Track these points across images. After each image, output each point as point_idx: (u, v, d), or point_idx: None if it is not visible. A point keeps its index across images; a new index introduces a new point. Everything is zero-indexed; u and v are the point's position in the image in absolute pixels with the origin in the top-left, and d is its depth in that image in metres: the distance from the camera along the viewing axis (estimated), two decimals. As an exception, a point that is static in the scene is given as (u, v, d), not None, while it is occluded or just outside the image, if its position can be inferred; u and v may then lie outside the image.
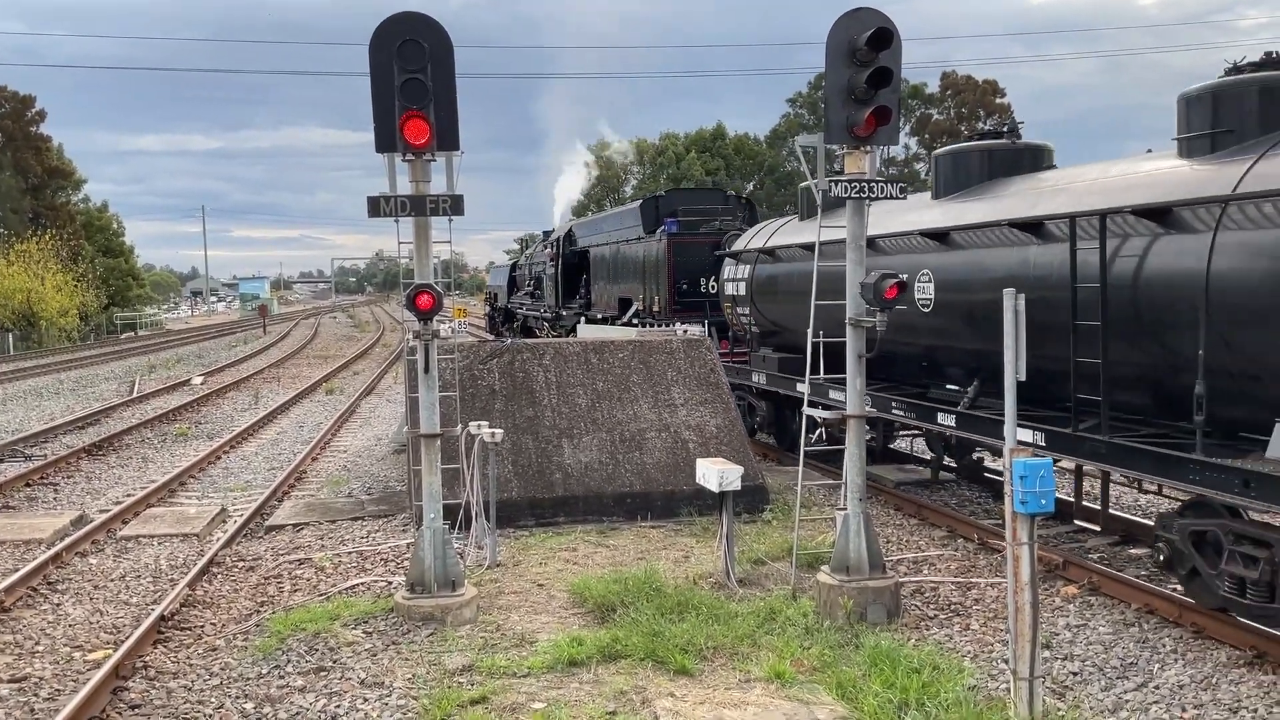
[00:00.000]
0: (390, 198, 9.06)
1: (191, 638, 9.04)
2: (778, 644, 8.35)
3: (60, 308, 62.60)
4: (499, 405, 13.47)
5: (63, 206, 71.11)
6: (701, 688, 7.58)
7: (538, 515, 12.60)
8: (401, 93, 8.76)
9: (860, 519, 9.21)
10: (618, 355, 14.43)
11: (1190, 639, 8.41)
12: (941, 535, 11.98)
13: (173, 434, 21.38)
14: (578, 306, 28.88)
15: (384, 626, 9.06)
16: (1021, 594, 6.72)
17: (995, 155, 12.59)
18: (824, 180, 9.26)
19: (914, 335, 12.36)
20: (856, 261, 9.32)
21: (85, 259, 67.74)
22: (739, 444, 13.59)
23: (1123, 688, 7.61)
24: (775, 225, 17.85)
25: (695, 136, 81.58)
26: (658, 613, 8.87)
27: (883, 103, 8.91)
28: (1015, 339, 6.92)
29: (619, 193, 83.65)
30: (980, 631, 8.85)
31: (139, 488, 15.71)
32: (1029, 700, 6.74)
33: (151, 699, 7.70)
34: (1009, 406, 7.07)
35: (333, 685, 7.85)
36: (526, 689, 7.64)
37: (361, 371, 36.42)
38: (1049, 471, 6.66)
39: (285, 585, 10.52)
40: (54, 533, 12.68)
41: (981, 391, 11.59)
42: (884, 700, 7.10)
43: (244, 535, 12.72)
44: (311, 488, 15.65)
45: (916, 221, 12.62)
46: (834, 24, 8.92)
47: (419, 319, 9.14)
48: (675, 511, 12.82)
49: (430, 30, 8.82)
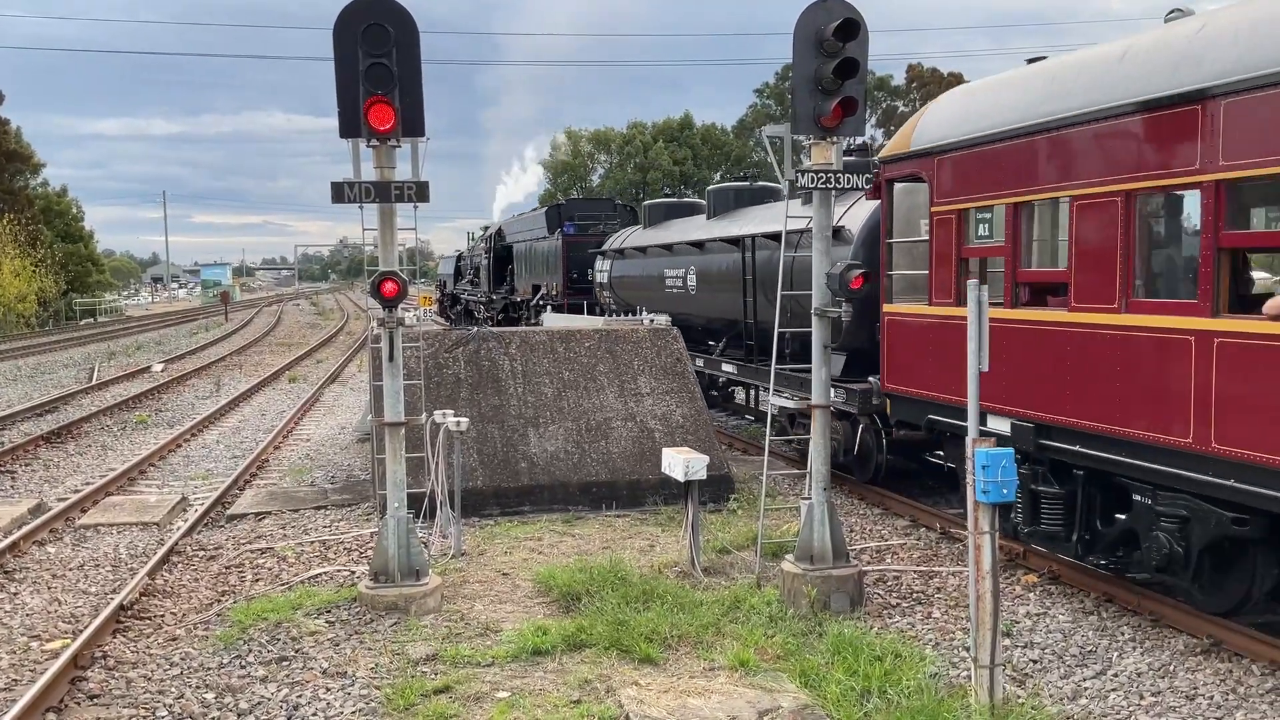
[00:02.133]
0: (355, 184, 8.98)
1: (151, 627, 8.95)
2: (742, 632, 8.38)
3: (18, 293, 61.54)
4: (464, 394, 13.42)
5: (21, 191, 69.84)
6: (666, 676, 7.60)
7: (503, 504, 12.57)
8: (366, 78, 8.67)
9: (825, 508, 9.25)
10: (584, 344, 14.40)
11: (1148, 627, 8.53)
12: (904, 524, 12.07)
13: (133, 422, 21.13)
14: (504, 291, 34.29)
15: (347, 616, 9.00)
16: (983, 582, 6.79)
17: (740, 193, 19.55)
18: (790, 170, 9.29)
19: (687, 310, 19.42)
20: (823, 252, 9.34)
21: (44, 244, 66.59)
22: (705, 434, 13.62)
23: (1082, 675, 7.70)
24: (629, 231, 24.56)
25: (663, 126, 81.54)
26: (623, 602, 8.88)
27: (849, 93, 8.93)
28: (979, 328, 6.94)
29: (586, 181, 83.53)
30: (942, 620, 8.93)
31: (98, 476, 15.52)
32: (990, 688, 6.81)
33: (111, 689, 7.61)
34: (971, 396, 7.10)
35: (295, 675, 7.80)
36: (491, 678, 7.62)
37: (325, 360, 36.15)
38: (1010, 461, 6.72)
39: (247, 574, 10.43)
40: (11, 521, 12.51)
41: (726, 346, 18.30)
42: (847, 688, 7.15)
43: (205, 524, 12.60)
44: (274, 476, 15.52)
45: (691, 234, 19.69)
46: (801, 14, 8.92)
47: (383, 306, 9.08)
48: (641, 501, 12.83)
49: (395, 15, 8.74)
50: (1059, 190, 9.03)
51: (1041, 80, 9.47)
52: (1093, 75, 8.76)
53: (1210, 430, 7.55)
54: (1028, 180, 9.34)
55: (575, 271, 27.48)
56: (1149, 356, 8.07)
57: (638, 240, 22.71)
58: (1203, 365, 7.60)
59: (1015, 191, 9.51)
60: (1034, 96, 9.35)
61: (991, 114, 9.86)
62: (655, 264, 21.10)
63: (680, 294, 19.57)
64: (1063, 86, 9.04)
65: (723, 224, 18.52)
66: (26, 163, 71.77)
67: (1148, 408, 8.10)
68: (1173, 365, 7.86)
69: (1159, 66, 8.08)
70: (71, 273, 74.72)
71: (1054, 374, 9.05)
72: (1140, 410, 8.18)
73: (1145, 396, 8.12)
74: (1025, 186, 9.40)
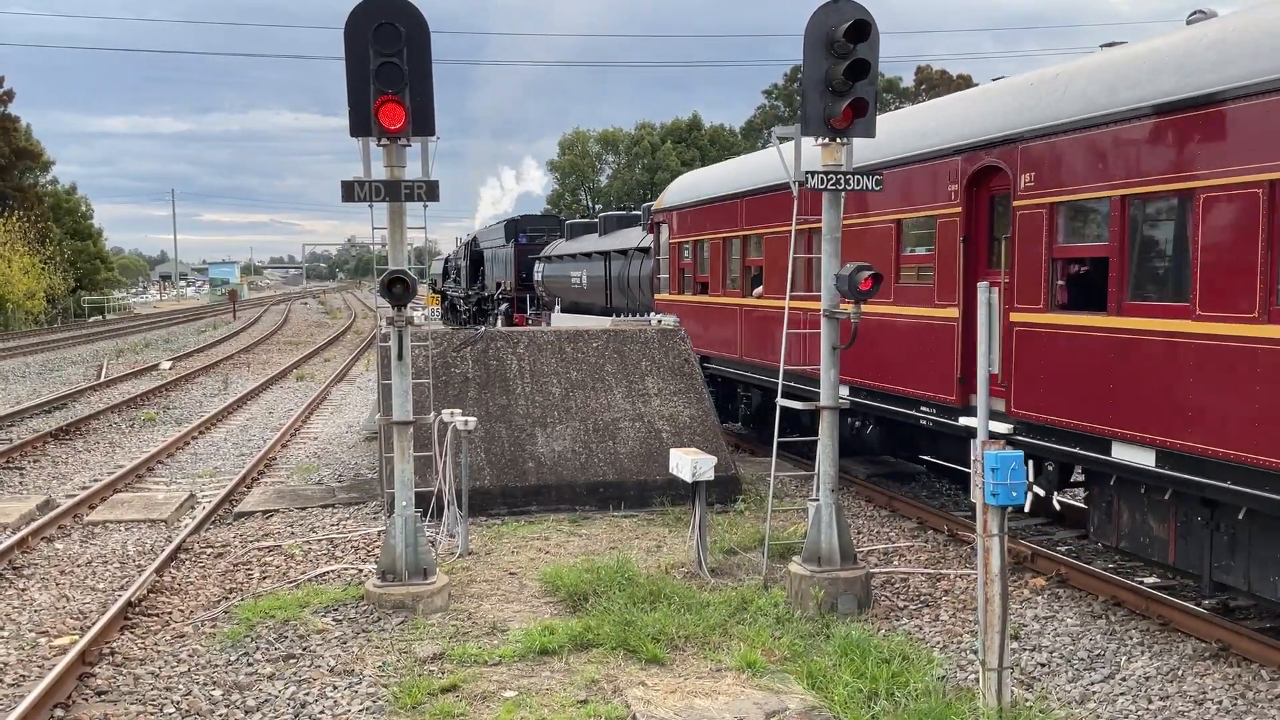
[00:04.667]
0: (365, 182, 8.99)
1: (159, 624, 8.97)
2: (749, 634, 8.38)
3: (27, 290, 61.72)
4: (472, 393, 13.42)
5: (30, 188, 69.99)
6: (673, 676, 7.59)
7: (510, 504, 12.57)
8: (377, 77, 8.68)
9: (832, 510, 9.24)
10: (592, 345, 14.40)
11: (1157, 631, 8.50)
12: (911, 526, 12.05)
13: (141, 419, 21.17)
14: (478, 288, 41.07)
15: (354, 614, 9.01)
16: (991, 585, 6.77)
17: (621, 218, 27.86)
18: (800, 172, 9.29)
19: (581, 300, 27.78)
20: (832, 254, 9.33)
21: (53, 241, 66.79)
22: (712, 434, 13.60)
23: (1090, 679, 7.68)
24: (557, 243, 32.54)
25: (671, 127, 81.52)
26: (629, 602, 8.88)
27: (860, 95, 8.92)
28: (989, 330, 6.93)
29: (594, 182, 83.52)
30: (949, 622, 8.91)
31: (106, 473, 15.55)
32: (997, 691, 6.79)
33: (118, 685, 7.63)
34: (981, 402, 7.09)
35: (302, 673, 7.81)
36: (498, 677, 7.62)
37: (333, 358, 36.20)
38: (1020, 464, 6.71)
39: (254, 572, 10.44)
40: (20, 517, 12.53)
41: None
42: (854, 690, 7.14)
43: (213, 522, 12.62)
44: (281, 474, 15.54)
45: (585, 248, 27.99)
46: (812, 15, 8.91)
47: (393, 305, 9.08)
48: (648, 501, 12.82)
49: (406, 14, 8.75)
50: (729, 234, 16.43)
51: (719, 172, 18.42)
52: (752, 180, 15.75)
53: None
54: (712, 228, 17.03)
55: (524, 272, 34.64)
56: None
57: (559, 250, 31.36)
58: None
59: (706, 234, 17.32)
60: (714, 184, 17.33)
61: (696, 190, 18.23)
62: (566, 267, 29.86)
63: (578, 288, 28.31)
64: (735, 178, 16.63)
65: (603, 241, 26.98)
66: (36, 160, 71.91)
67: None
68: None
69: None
70: (80, 270, 74.93)
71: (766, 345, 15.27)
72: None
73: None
74: (711, 232, 17.11)
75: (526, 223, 37.14)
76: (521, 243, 35.33)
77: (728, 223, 16.27)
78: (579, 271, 28.14)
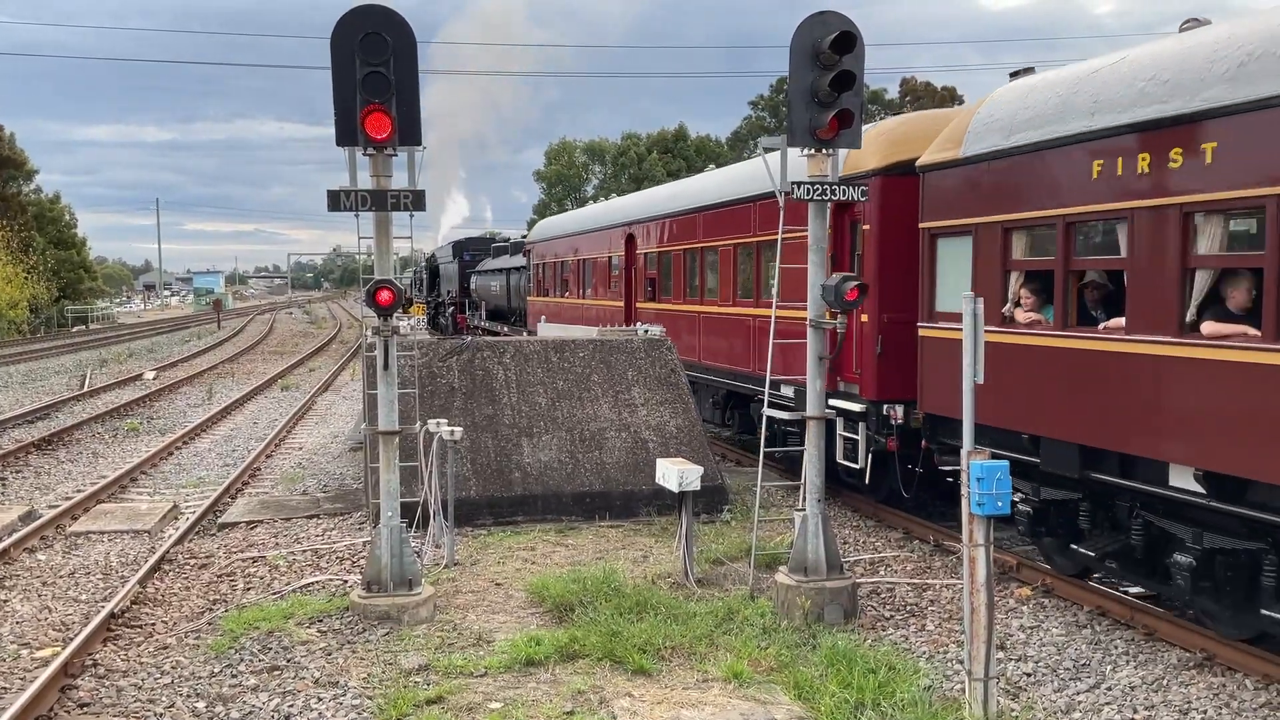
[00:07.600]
0: (351, 192, 8.97)
1: (142, 635, 8.91)
2: (735, 644, 8.37)
3: (10, 300, 61.37)
4: (458, 403, 13.40)
5: (13, 197, 69.66)
6: (659, 687, 7.58)
7: (496, 514, 12.54)
8: (363, 86, 8.68)
9: (819, 520, 9.25)
10: (578, 354, 14.39)
11: (1142, 641, 8.53)
12: (898, 537, 12.07)
13: (124, 429, 21.05)
14: (434, 296, 51.60)
15: (339, 625, 8.97)
16: (977, 595, 6.79)
17: (522, 243, 35.41)
18: (786, 182, 9.32)
19: (500, 305, 37.80)
20: (818, 265, 9.35)
21: (36, 251, 66.43)
22: (699, 444, 13.61)
23: (1075, 689, 7.70)
24: (485, 260, 41.49)
25: (657, 137, 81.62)
26: (616, 612, 8.86)
27: (846, 106, 8.95)
28: (974, 341, 6.95)
29: (580, 192, 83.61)
30: (935, 632, 8.92)
31: (89, 483, 15.46)
32: (984, 701, 6.80)
33: (101, 697, 7.57)
34: (966, 413, 7.11)
35: (286, 684, 7.76)
36: (483, 689, 7.60)
37: (318, 368, 36.09)
38: (1005, 474, 6.73)
39: (238, 583, 10.39)
40: (2, 528, 12.44)
41: (511, 319, 35.86)
42: (840, 700, 7.13)
43: (196, 532, 12.55)
44: (266, 485, 15.47)
45: (501, 264, 37.96)
46: (798, 27, 8.94)
47: (379, 315, 9.07)
48: (634, 511, 12.81)
49: (393, 24, 8.75)
50: (570, 257, 25.63)
51: (560, 220, 29.71)
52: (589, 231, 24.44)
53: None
54: (560, 254, 26.45)
55: (466, 283, 43.86)
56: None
57: (485, 266, 41.27)
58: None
59: (554, 258, 27.06)
60: (570, 224, 26.59)
61: (554, 228, 28.33)
62: (488, 280, 39.95)
63: (499, 295, 37.82)
64: (578, 222, 26.09)
65: (510, 260, 36.49)
66: (19, 168, 71.57)
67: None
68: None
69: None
70: (64, 279, 74.58)
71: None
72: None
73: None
74: (560, 257, 26.45)
75: (469, 244, 46.51)
76: (465, 260, 44.43)
77: (568, 251, 25.84)
78: (496, 282, 38.25)
